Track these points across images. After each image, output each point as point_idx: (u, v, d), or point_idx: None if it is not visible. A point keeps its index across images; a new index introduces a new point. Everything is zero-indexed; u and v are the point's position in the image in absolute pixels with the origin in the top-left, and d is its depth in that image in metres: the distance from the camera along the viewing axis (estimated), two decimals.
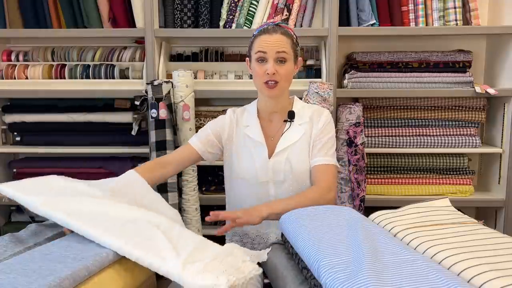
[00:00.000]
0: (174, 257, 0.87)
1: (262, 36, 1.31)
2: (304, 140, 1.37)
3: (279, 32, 1.30)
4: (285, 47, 1.29)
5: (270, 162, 1.36)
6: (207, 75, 2.31)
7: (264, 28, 1.32)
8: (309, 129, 1.38)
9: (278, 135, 1.38)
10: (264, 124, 1.40)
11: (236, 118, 1.43)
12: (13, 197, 1.03)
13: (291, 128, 1.37)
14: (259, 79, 1.31)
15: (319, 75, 2.23)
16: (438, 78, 2.17)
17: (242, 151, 1.39)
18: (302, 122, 1.38)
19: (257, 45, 1.31)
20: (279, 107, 1.39)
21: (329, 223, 1.01)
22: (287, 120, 1.38)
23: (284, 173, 1.35)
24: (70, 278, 0.76)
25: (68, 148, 2.25)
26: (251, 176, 1.36)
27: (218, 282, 0.80)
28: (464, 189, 2.24)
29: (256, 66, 1.32)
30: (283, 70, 1.30)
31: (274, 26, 1.32)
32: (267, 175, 1.35)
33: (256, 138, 1.37)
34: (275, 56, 1.28)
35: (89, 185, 1.20)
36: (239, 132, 1.41)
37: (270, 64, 1.28)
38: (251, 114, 1.42)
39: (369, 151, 2.22)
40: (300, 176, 1.36)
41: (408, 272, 0.74)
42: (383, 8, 2.19)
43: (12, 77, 2.26)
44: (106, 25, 2.23)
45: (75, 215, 0.97)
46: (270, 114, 1.41)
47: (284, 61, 1.30)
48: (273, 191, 1.37)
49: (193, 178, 2.12)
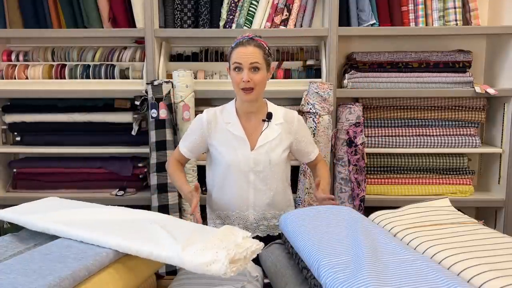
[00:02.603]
0: (173, 243, 0.87)
1: (238, 49, 1.52)
2: (280, 138, 1.60)
3: (252, 45, 1.51)
4: (257, 58, 1.50)
5: (252, 154, 1.57)
6: (207, 75, 2.31)
7: (240, 42, 1.53)
8: (285, 129, 1.62)
9: (257, 132, 1.60)
10: (242, 122, 1.60)
11: (215, 116, 1.62)
12: (12, 220, 1.08)
13: (269, 126, 1.60)
14: (236, 86, 1.53)
15: (319, 75, 2.23)
16: (438, 78, 2.17)
17: (225, 144, 1.59)
18: (278, 122, 1.61)
19: (234, 57, 1.52)
20: (255, 108, 1.60)
21: (329, 223, 1.01)
22: (265, 120, 1.60)
23: (263, 164, 1.57)
24: (70, 278, 0.76)
25: (68, 148, 2.25)
26: (234, 165, 1.57)
27: (218, 257, 0.80)
28: (464, 189, 2.24)
29: (234, 74, 1.53)
30: (257, 77, 1.50)
31: (249, 39, 1.52)
32: (249, 165, 1.57)
33: (238, 133, 1.58)
34: (249, 66, 1.50)
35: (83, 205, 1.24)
36: (220, 128, 1.60)
37: (245, 73, 1.49)
38: (230, 113, 1.62)
39: (369, 151, 2.22)
40: (276, 167, 1.60)
41: (408, 272, 0.75)
42: (383, 8, 2.19)
43: (12, 77, 2.26)
44: (106, 25, 2.23)
45: (73, 224, 0.98)
46: (248, 114, 1.61)
47: (257, 69, 1.51)
48: (252, 178, 1.58)
49: (193, 178, 2.12)
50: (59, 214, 1.06)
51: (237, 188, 1.59)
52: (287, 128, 1.62)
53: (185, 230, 0.97)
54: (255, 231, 1.62)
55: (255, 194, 1.59)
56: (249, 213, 1.61)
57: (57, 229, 0.98)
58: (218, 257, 0.81)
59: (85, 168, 2.27)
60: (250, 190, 1.59)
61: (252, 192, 1.59)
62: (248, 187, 1.59)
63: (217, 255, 0.81)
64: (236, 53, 1.52)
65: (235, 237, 0.90)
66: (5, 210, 1.13)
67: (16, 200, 1.83)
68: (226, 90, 2.18)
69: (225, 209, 1.63)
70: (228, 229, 0.96)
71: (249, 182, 1.58)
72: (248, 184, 1.58)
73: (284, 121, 1.62)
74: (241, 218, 1.62)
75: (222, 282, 0.98)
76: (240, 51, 1.51)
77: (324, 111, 2.02)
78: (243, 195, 1.59)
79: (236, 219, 1.62)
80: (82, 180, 2.28)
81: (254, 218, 1.61)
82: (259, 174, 1.58)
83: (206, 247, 0.84)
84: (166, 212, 2.01)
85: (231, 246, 0.85)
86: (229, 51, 1.57)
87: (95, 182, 2.28)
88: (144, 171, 2.30)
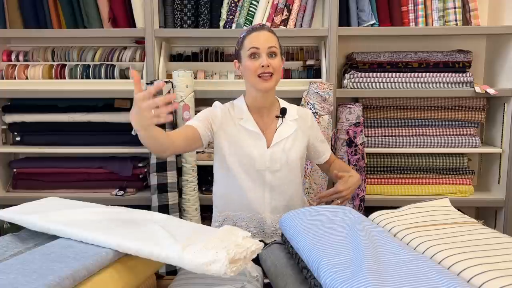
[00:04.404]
0: (173, 243, 0.87)
1: (252, 34, 1.42)
2: (296, 134, 1.51)
3: (266, 30, 1.43)
4: (274, 42, 1.42)
5: (268, 152, 1.46)
6: (207, 75, 2.32)
7: (253, 28, 1.45)
8: (301, 126, 1.52)
9: (271, 128, 1.49)
10: (255, 118, 1.49)
11: (228, 110, 1.51)
12: (12, 220, 1.08)
13: (284, 123, 1.50)
14: (253, 74, 1.40)
15: (319, 75, 2.23)
16: (438, 78, 2.17)
17: (240, 140, 1.47)
18: (293, 118, 1.52)
19: (249, 43, 1.41)
20: (267, 102, 1.49)
21: (329, 223, 1.01)
22: (279, 116, 1.50)
23: (280, 163, 1.47)
24: (70, 278, 0.76)
25: (68, 148, 2.25)
26: (249, 164, 1.45)
27: (218, 257, 0.80)
28: (464, 189, 2.24)
29: (249, 62, 1.41)
30: (275, 62, 1.41)
31: (262, 26, 1.45)
32: (265, 164, 1.46)
33: (253, 129, 1.47)
34: (267, 51, 1.39)
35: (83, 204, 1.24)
36: (232, 123, 1.49)
37: (263, 58, 1.39)
38: (242, 108, 1.50)
39: (369, 151, 2.22)
40: (293, 165, 1.49)
41: (408, 272, 0.75)
42: (383, 8, 2.19)
43: (12, 77, 2.26)
44: (106, 25, 2.23)
45: (73, 224, 0.98)
46: (260, 109, 1.50)
47: (275, 55, 1.41)
48: (268, 178, 1.47)
49: (193, 178, 2.12)
50: (59, 214, 1.06)
51: (252, 189, 1.46)
52: (303, 125, 1.53)
53: (185, 230, 0.97)
54: (272, 236, 1.49)
55: (272, 195, 1.47)
56: (266, 216, 1.48)
57: (57, 229, 0.98)
58: (218, 257, 0.80)
59: (85, 168, 2.27)
60: (266, 191, 1.47)
61: (268, 193, 1.47)
62: (264, 187, 1.47)
63: (217, 255, 0.81)
64: (251, 38, 1.41)
65: (235, 237, 0.90)
66: (5, 210, 1.12)
67: (16, 200, 1.83)
68: (226, 90, 2.19)
69: (237, 210, 1.50)
70: (228, 229, 0.96)
71: (264, 181, 1.46)
72: (264, 184, 1.46)
73: (298, 117, 1.53)
74: (257, 221, 1.49)
75: (222, 282, 0.98)
76: (255, 36, 1.41)
77: (324, 111, 2.02)
78: (258, 196, 1.47)
79: (251, 222, 1.49)
80: (82, 180, 2.28)
81: (271, 221, 1.48)
82: (276, 173, 1.46)
83: (206, 247, 0.84)
84: (166, 212, 2.01)
85: (231, 246, 0.84)
86: (240, 40, 1.46)
87: (95, 182, 2.28)
88: (144, 171, 2.30)
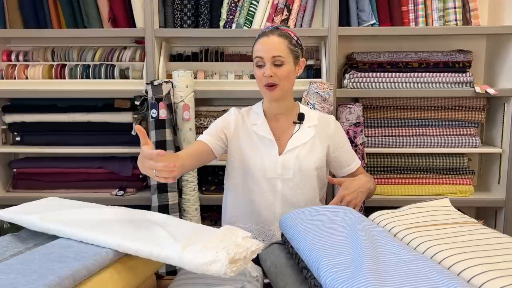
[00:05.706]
0: (173, 243, 0.87)
1: (260, 40, 1.37)
2: (313, 141, 1.42)
3: (276, 34, 1.36)
4: (280, 50, 1.34)
5: (280, 159, 1.40)
6: (207, 75, 2.31)
7: (263, 32, 1.39)
8: (320, 132, 1.44)
9: (286, 135, 1.43)
10: (271, 124, 1.45)
11: (242, 116, 1.48)
12: (12, 220, 1.08)
13: (301, 129, 1.43)
14: (260, 82, 1.38)
15: (319, 75, 2.23)
16: (438, 78, 2.17)
17: (250, 147, 1.42)
18: (311, 124, 1.44)
19: (255, 50, 1.38)
20: (283, 108, 1.44)
21: (329, 223, 1.01)
22: (297, 122, 1.44)
23: (293, 171, 1.39)
24: (71, 278, 0.76)
25: (68, 148, 2.25)
26: (259, 172, 1.39)
27: (218, 257, 0.80)
28: (464, 189, 2.24)
29: (256, 70, 1.39)
30: (281, 71, 1.35)
31: (272, 29, 1.38)
32: (276, 172, 1.39)
33: (265, 134, 1.42)
34: (271, 60, 1.34)
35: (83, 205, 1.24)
36: (246, 129, 1.45)
37: (267, 66, 1.34)
38: (257, 113, 1.47)
39: (369, 151, 2.22)
40: (307, 174, 1.40)
41: (408, 272, 0.74)
42: (383, 8, 2.19)
43: (12, 77, 2.26)
44: (106, 25, 2.22)
45: (73, 224, 0.98)
46: (276, 115, 1.46)
47: (281, 65, 1.35)
48: (280, 187, 1.40)
49: (193, 178, 2.12)
50: (59, 214, 1.06)
51: (262, 198, 1.39)
52: (323, 131, 1.44)
53: (185, 230, 0.97)
54: None
55: (283, 206, 1.38)
56: (275, 228, 1.38)
57: (57, 229, 0.98)
58: (218, 257, 0.81)
59: (85, 168, 2.27)
60: (277, 201, 1.39)
61: (279, 204, 1.39)
62: (274, 197, 1.38)
63: (217, 255, 0.81)
64: (258, 45, 1.37)
65: (235, 237, 0.90)
66: (5, 210, 1.13)
67: (16, 200, 1.83)
68: (226, 90, 2.19)
69: (246, 222, 1.42)
70: (228, 229, 0.96)
71: (276, 191, 1.38)
72: (274, 193, 1.39)
73: (318, 123, 1.44)
74: (266, 234, 1.40)
75: (222, 282, 0.98)
76: (262, 43, 1.35)
77: (324, 111, 2.02)
78: (269, 206, 1.39)
79: (260, 234, 1.41)
80: (82, 180, 2.27)
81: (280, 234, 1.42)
82: (288, 182, 1.38)
83: (206, 247, 0.84)
84: (166, 212, 2.01)
85: (231, 246, 0.85)
86: (253, 44, 1.41)
87: (95, 182, 2.28)
88: None
